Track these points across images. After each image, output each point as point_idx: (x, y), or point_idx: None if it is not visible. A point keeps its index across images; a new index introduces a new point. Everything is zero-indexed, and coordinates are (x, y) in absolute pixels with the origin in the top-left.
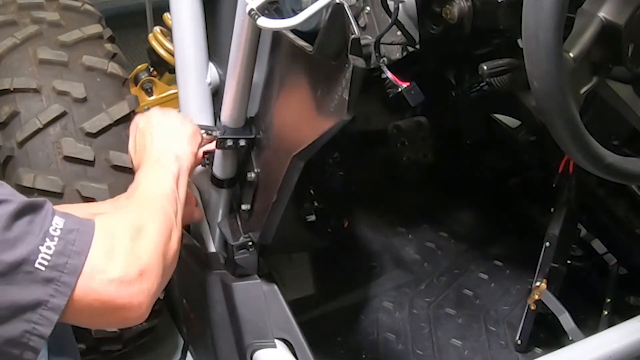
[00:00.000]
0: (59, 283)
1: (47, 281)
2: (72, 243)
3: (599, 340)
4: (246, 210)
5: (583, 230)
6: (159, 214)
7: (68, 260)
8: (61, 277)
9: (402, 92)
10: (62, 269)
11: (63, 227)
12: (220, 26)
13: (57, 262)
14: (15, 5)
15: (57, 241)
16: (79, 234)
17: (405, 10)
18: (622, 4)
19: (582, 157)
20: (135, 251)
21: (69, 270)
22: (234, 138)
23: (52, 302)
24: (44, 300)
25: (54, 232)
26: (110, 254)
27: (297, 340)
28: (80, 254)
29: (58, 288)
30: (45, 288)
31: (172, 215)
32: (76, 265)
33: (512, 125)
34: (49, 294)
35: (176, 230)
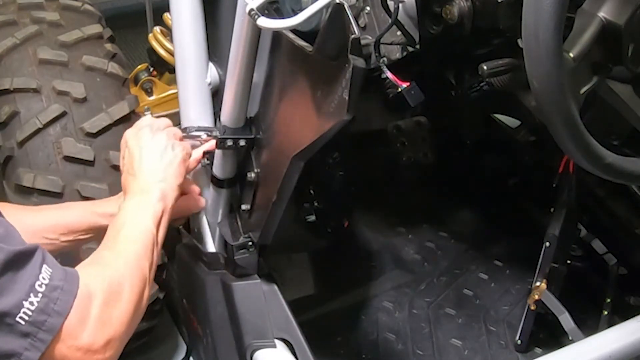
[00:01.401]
0: (35, 339)
1: (25, 335)
2: (54, 302)
3: (599, 340)
4: (246, 210)
5: (583, 230)
6: (135, 276)
7: (47, 319)
8: (38, 334)
9: (402, 92)
10: (40, 325)
11: (48, 283)
12: (220, 26)
13: (37, 319)
14: (15, 5)
15: (41, 298)
16: (62, 293)
17: (405, 10)
18: (622, 4)
19: (582, 157)
20: (107, 319)
21: (47, 328)
22: (234, 138)
23: (25, 355)
24: (19, 353)
25: (39, 288)
26: (84, 318)
27: (297, 340)
28: (60, 314)
29: (34, 343)
30: (22, 341)
31: (147, 271)
32: (54, 325)
33: (512, 125)
34: (24, 347)
35: (147, 288)
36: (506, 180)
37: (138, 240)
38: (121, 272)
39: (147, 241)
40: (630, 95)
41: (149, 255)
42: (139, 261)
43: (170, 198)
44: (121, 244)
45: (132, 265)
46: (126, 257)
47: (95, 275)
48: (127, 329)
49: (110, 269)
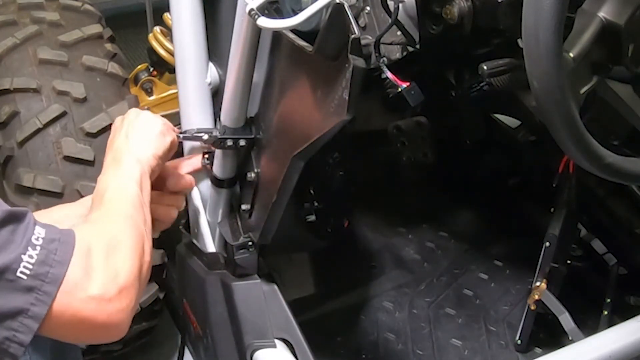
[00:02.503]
0: (40, 292)
1: (29, 289)
2: (54, 252)
3: (599, 340)
4: (246, 210)
5: (583, 230)
6: (129, 228)
7: (50, 270)
8: (42, 286)
9: (402, 92)
10: (43, 278)
11: (45, 237)
12: (220, 26)
13: (39, 271)
14: (15, 5)
15: (40, 250)
16: (61, 244)
17: (405, 10)
18: (622, 4)
19: (582, 157)
20: (112, 269)
21: (50, 279)
22: (234, 138)
23: (32, 310)
24: (25, 309)
25: (36, 241)
26: (88, 270)
27: (297, 340)
28: (62, 264)
29: (39, 297)
30: (26, 296)
31: (142, 226)
32: (57, 275)
33: (512, 125)
34: (30, 302)
35: (147, 241)
36: (506, 180)
37: (124, 200)
38: (115, 226)
39: (133, 200)
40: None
41: (139, 212)
42: (130, 217)
43: (146, 163)
44: (108, 204)
45: (125, 221)
46: (116, 214)
47: (90, 232)
48: (136, 280)
49: (104, 225)
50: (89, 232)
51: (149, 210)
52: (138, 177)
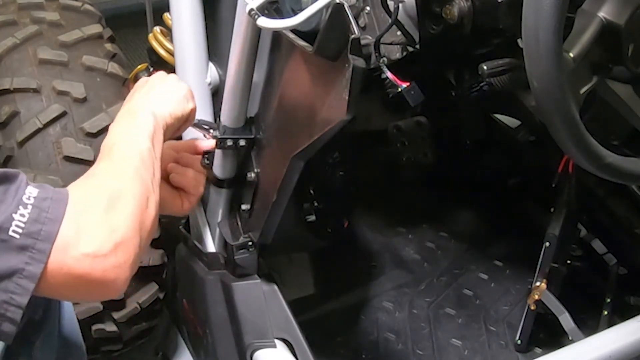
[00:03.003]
0: (33, 250)
1: (22, 249)
2: (46, 210)
3: (599, 340)
4: (246, 210)
5: (583, 230)
6: (134, 181)
7: (42, 228)
8: (36, 245)
9: (402, 92)
10: (36, 236)
11: (37, 196)
12: (220, 26)
13: (32, 230)
14: (15, 5)
15: (31, 209)
16: (53, 202)
17: (405, 10)
18: (622, 4)
19: (582, 157)
20: (109, 224)
21: (43, 237)
22: (234, 138)
23: (27, 270)
24: (20, 269)
25: (27, 200)
26: (83, 227)
27: (297, 340)
28: (54, 221)
29: (33, 255)
30: (20, 256)
31: (149, 181)
32: (50, 232)
33: (512, 125)
34: (24, 261)
35: (153, 196)
36: (506, 180)
37: (132, 152)
38: (118, 179)
39: (142, 153)
40: (630, 95)
41: (148, 166)
42: (136, 170)
43: (162, 118)
44: (115, 156)
45: (130, 174)
46: (122, 166)
47: (92, 185)
48: (136, 235)
49: (106, 178)
50: (90, 185)
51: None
52: (151, 130)
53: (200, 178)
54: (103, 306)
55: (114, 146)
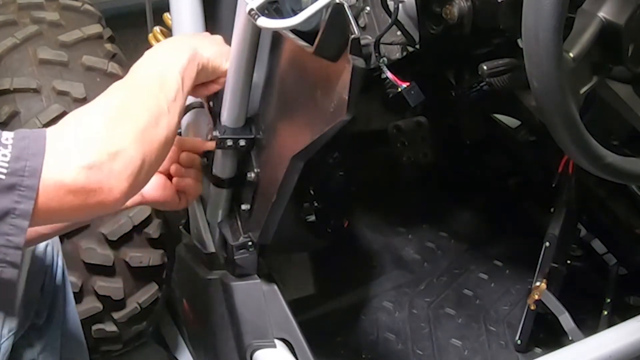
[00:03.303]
0: (22, 188)
1: (9, 188)
2: (26, 148)
3: (599, 340)
4: (246, 210)
5: (583, 230)
6: (146, 100)
7: (27, 163)
8: (23, 181)
9: (402, 92)
10: (22, 172)
11: (14, 137)
12: (220, 26)
13: (16, 167)
14: (15, 5)
15: (11, 148)
16: (32, 140)
17: (405, 10)
18: (622, 4)
19: (582, 157)
20: (107, 134)
21: (29, 172)
22: (234, 138)
23: (19, 208)
24: (11, 208)
25: (6, 141)
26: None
27: (297, 340)
28: (37, 155)
29: (22, 193)
30: (10, 195)
31: (164, 103)
32: (36, 167)
33: (512, 125)
34: (14, 200)
35: (166, 117)
36: (506, 180)
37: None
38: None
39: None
40: (630, 95)
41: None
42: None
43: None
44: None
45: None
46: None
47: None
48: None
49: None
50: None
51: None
52: (185, 63)
53: (200, 178)
54: (103, 306)
55: (141, 67)
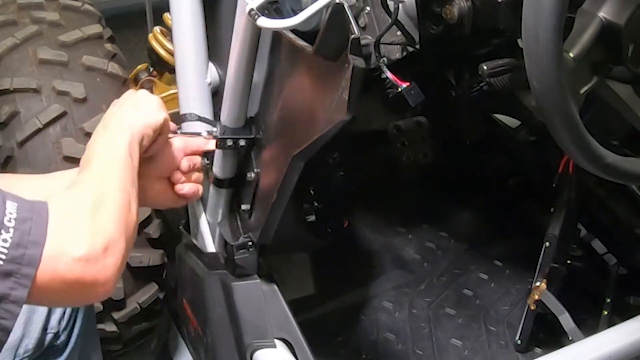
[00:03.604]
0: (18, 275)
1: (7, 275)
2: (27, 233)
3: (599, 340)
4: (246, 210)
5: (583, 230)
6: (116, 188)
7: (26, 252)
8: (20, 269)
9: (402, 92)
10: (20, 260)
11: (17, 217)
12: (220, 26)
13: (15, 255)
14: (15, 5)
15: (13, 232)
16: (34, 223)
17: (405, 10)
18: (622, 4)
19: (582, 157)
20: (96, 227)
21: (27, 261)
22: (234, 138)
23: (13, 295)
24: (6, 294)
25: (8, 223)
26: (71, 234)
27: (297, 340)
28: (37, 244)
29: (18, 280)
30: (6, 282)
31: (129, 188)
32: (34, 256)
33: (512, 125)
34: (9, 287)
35: (134, 201)
36: (506, 180)
37: (112, 162)
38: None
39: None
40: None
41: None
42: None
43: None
44: (95, 166)
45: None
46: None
47: (76, 193)
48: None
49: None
50: (74, 194)
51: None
52: (127, 142)
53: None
54: (103, 306)
55: (93, 158)
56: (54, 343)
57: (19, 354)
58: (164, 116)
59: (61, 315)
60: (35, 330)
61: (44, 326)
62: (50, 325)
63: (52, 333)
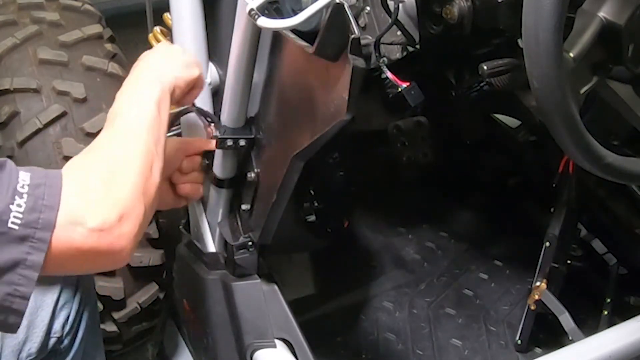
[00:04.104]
0: (34, 240)
1: (22, 239)
2: (42, 197)
3: (599, 340)
4: (246, 210)
5: (583, 230)
6: (137, 149)
7: (40, 216)
8: (36, 234)
9: (402, 92)
10: (35, 225)
11: (30, 183)
12: (220, 26)
13: (30, 219)
14: (15, 5)
15: (27, 198)
16: (47, 188)
17: (405, 10)
18: (622, 4)
19: (582, 157)
20: (112, 195)
21: (42, 225)
22: (234, 138)
23: (29, 259)
24: (22, 259)
25: (21, 189)
26: (86, 202)
27: (297, 340)
28: (52, 208)
29: (34, 245)
30: (21, 246)
31: (152, 147)
32: (49, 220)
33: (512, 125)
34: (26, 251)
35: (157, 162)
36: (506, 180)
37: (137, 119)
38: (121, 149)
39: (147, 120)
40: (630, 95)
41: (152, 132)
42: (139, 137)
43: (167, 82)
44: (119, 125)
45: (133, 142)
46: (126, 135)
47: (93, 158)
48: (139, 203)
49: (108, 148)
50: (90, 158)
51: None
52: (157, 96)
53: (201, 181)
54: (103, 306)
55: (118, 114)
56: (57, 347)
57: (22, 357)
58: (198, 72)
59: (65, 319)
60: (38, 334)
61: (47, 330)
62: (53, 330)
63: (55, 337)
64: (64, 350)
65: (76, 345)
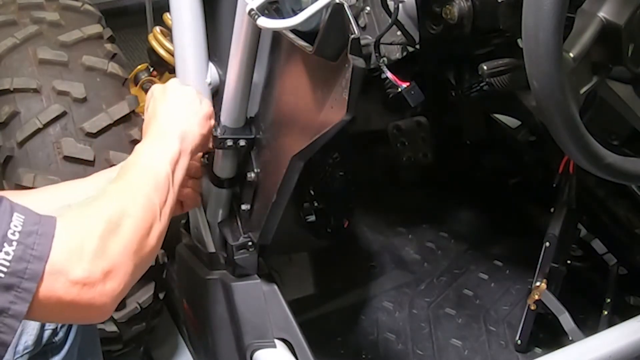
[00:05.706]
0: (19, 289)
1: (7, 288)
2: (31, 247)
3: (599, 340)
4: (246, 210)
5: (583, 230)
6: (141, 206)
7: (28, 266)
8: (21, 284)
9: (402, 92)
10: (22, 275)
11: (22, 230)
12: (220, 26)
13: (17, 268)
14: (15, 5)
15: (16, 246)
16: (39, 237)
17: (405, 10)
18: (622, 4)
19: (582, 157)
20: (102, 250)
21: (29, 275)
22: (234, 138)
23: (12, 309)
24: (5, 308)
25: (12, 236)
26: (74, 254)
27: (297, 340)
28: (40, 259)
29: (18, 294)
30: (6, 295)
31: (157, 208)
32: (36, 271)
33: (512, 125)
34: (10, 300)
35: (158, 224)
36: (506, 180)
37: (149, 177)
38: (124, 203)
39: (158, 179)
40: (630, 95)
41: (161, 192)
42: (146, 195)
43: (190, 142)
44: (131, 178)
45: (139, 197)
46: (134, 190)
47: (95, 208)
48: (129, 262)
49: (113, 201)
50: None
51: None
52: (176, 154)
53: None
54: None
55: (133, 166)
56: (53, 340)
57: (19, 350)
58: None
59: None
60: (34, 327)
61: (42, 323)
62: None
63: (50, 329)
64: (59, 344)
65: (71, 338)
